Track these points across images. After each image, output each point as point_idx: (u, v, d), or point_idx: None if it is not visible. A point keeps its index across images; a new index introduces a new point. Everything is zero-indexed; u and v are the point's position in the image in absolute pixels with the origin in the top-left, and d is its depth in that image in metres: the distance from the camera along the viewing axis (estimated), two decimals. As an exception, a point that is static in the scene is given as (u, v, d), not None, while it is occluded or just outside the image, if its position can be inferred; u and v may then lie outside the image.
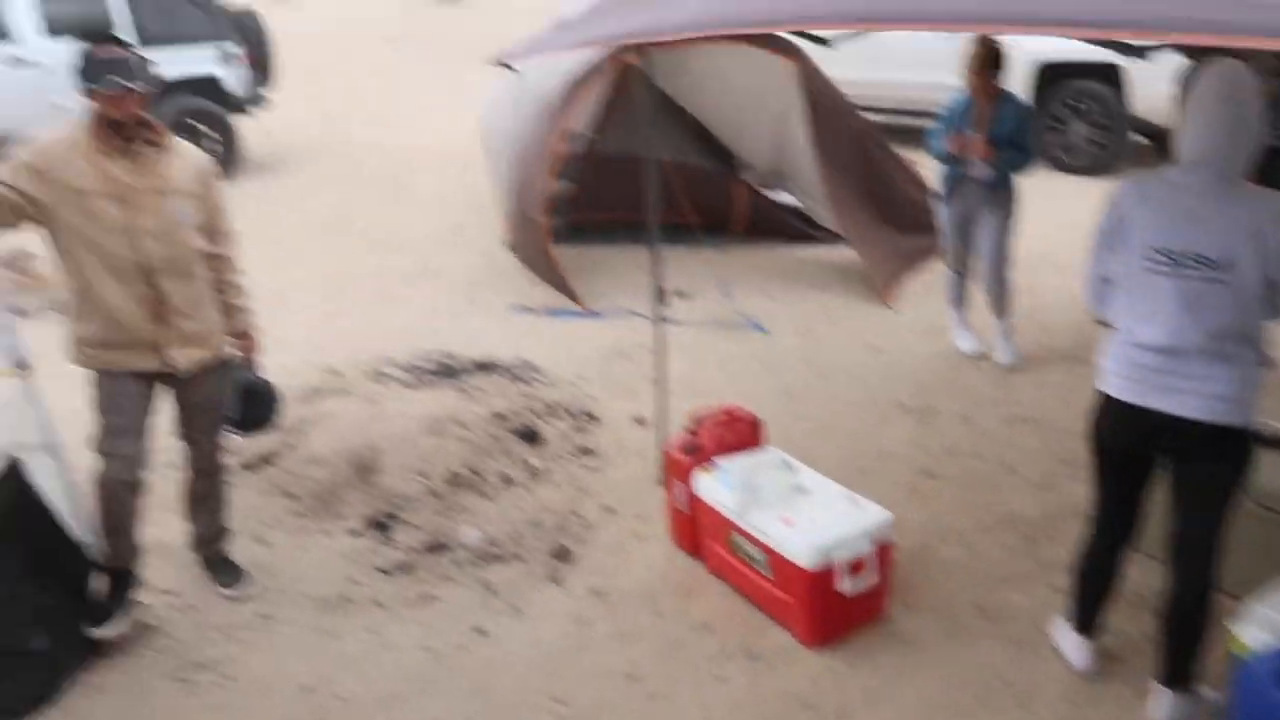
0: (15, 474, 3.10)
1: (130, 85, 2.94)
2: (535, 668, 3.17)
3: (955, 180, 5.19)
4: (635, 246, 7.22)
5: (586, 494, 4.17)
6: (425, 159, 10.71)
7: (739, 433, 3.79)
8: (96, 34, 3.07)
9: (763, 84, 6.88)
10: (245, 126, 10.36)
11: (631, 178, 4.31)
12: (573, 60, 6.38)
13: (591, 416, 4.85)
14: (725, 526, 3.44)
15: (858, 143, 6.96)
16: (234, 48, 9.92)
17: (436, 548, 3.78)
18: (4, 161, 2.95)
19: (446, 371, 5.20)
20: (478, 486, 4.14)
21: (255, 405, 3.44)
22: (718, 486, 3.48)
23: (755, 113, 7.20)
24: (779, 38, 6.52)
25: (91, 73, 2.93)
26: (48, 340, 5.59)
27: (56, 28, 9.06)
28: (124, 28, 9.11)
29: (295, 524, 3.98)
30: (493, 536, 3.85)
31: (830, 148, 6.63)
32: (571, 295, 6.40)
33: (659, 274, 4.04)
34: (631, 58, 5.74)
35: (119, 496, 3.18)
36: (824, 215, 7.20)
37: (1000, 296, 5.33)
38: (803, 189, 7.40)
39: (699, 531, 3.64)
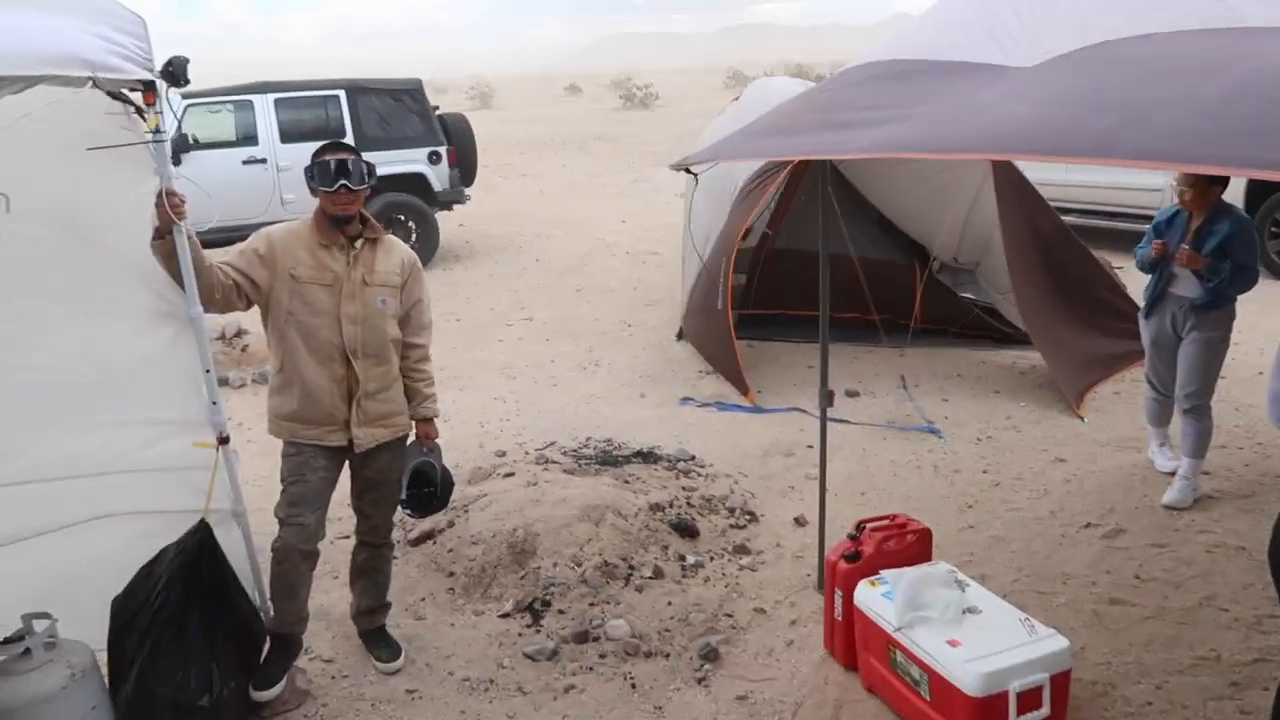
0: (204, 536, 3.31)
1: (352, 187, 3.24)
2: (673, 774, 3.04)
3: (1158, 294, 4.72)
4: (805, 342, 7.17)
5: (740, 594, 4.03)
6: (604, 254, 11.09)
7: (906, 543, 3.58)
8: (326, 140, 3.39)
9: (952, 174, 6.72)
10: (442, 218, 11.10)
11: (806, 272, 4.25)
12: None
13: (750, 514, 4.72)
14: (885, 641, 3.22)
15: (1050, 241, 6.64)
16: (441, 149, 10.72)
17: (584, 637, 3.74)
18: (239, 249, 3.29)
19: (608, 459, 5.23)
20: (630, 578, 4.09)
21: (429, 489, 3.56)
22: (880, 598, 3.28)
23: (942, 204, 7.01)
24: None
25: (319, 174, 3.26)
26: (246, 410, 6.09)
27: (290, 134, 10.12)
28: (348, 134, 10.06)
29: (450, 601, 4.04)
30: (640, 630, 3.76)
31: (1020, 244, 6.35)
32: (743, 387, 6.35)
33: (825, 370, 3.94)
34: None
35: (293, 562, 3.33)
36: (1012, 312, 6.87)
37: (1191, 433, 4.67)
38: (990, 283, 7.11)
39: (856, 643, 3.42)
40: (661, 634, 3.76)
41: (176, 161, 9.43)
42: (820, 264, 3.84)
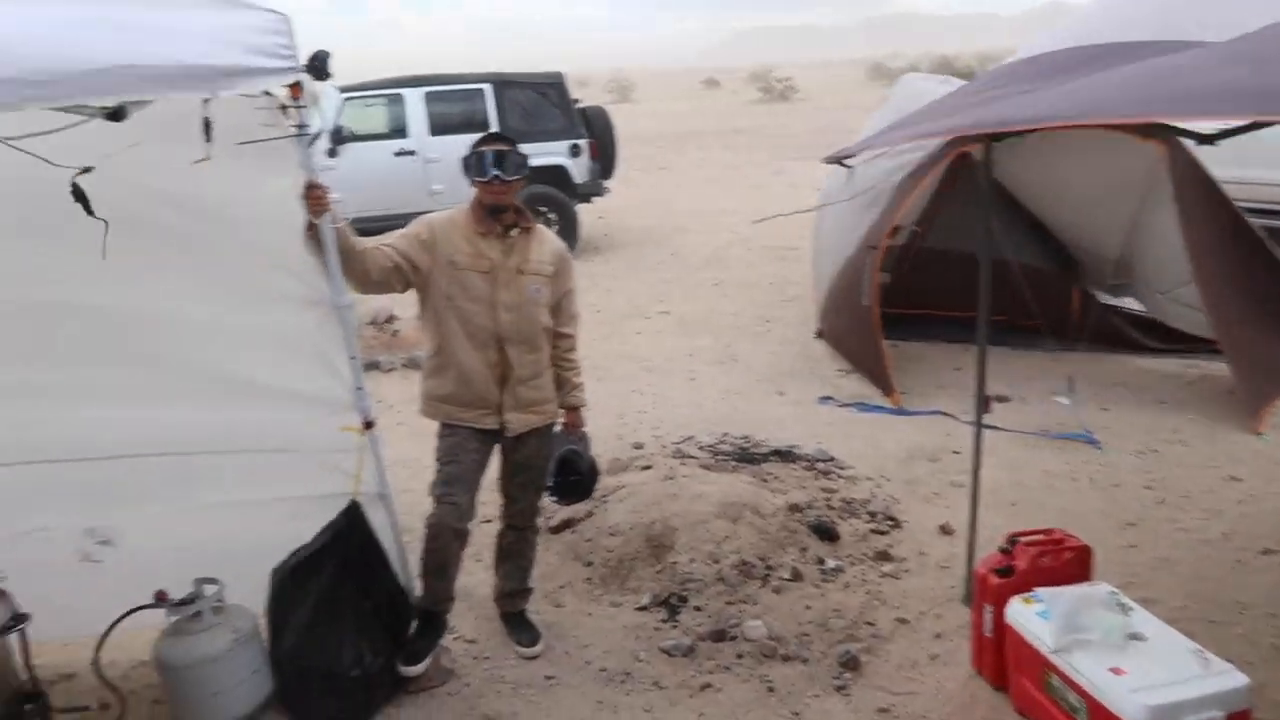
0: (355, 516, 3.45)
1: (505, 178, 3.32)
2: (811, 783, 2.97)
3: None
4: (950, 344, 6.91)
5: (882, 602, 3.92)
6: (742, 248, 11.00)
7: (1063, 560, 3.39)
8: (486, 133, 3.46)
9: (1119, 173, 6.31)
10: (581, 211, 11.24)
11: (954, 273, 4.08)
12: (909, 152, 6.29)
13: (893, 519, 4.58)
14: (1040, 664, 3.06)
15: (1237, 242, 6.13)
16: (582, 142, 10.86)
17: (721, 636, 3.71)
18: (400, 233, 3.41)
19: (745, 456, 5.18)
20: (767, 578, 4.03)
21: (575, 476, 3.61)
22: (1035, 617, 3.11)
23: (1105, 206, 6.62)
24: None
25: (476, 165, 3.34)
26: (396, 393, 6.32)
27: (438, 127, 10.46)
28: (493, 127, 10.32)
29: (588, 591, 4.09)
30: (778, 633, 3.71)
31: (1203, 244, 5.89)
32: (887, 388, 6.18)
33: (982, 374, 3.77)
34: (971, 146, 5.52)
35: (446, 540, 3.43)
36: (1180, 319, 6.43)
37: None
38: (1152, 283, 6.66)
39: (1007, 663, 3.26)
40: (799, 638, 3.69)
41: (333, 154, 9.92)
42: (980, 260, 3.67)
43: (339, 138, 10.02)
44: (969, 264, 3.80)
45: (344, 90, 10.27)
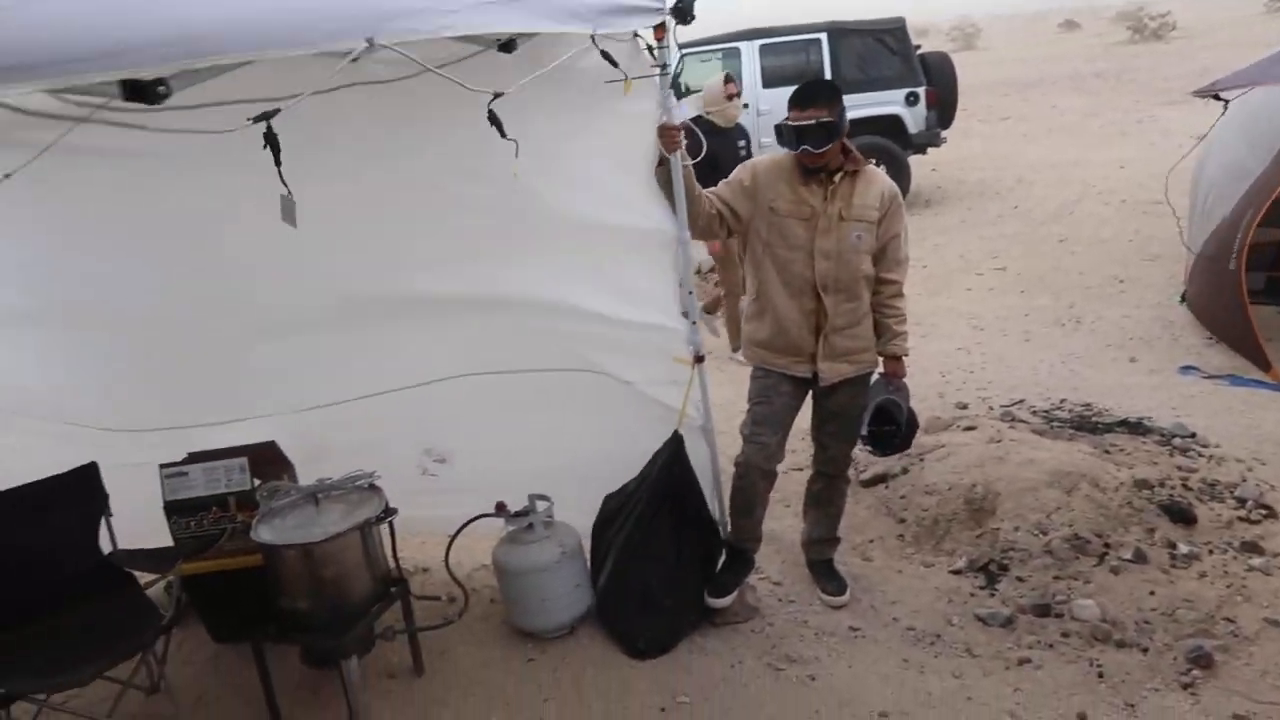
0: (677, 448, 3.57)
1: (816, 151, 3.21)
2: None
3: None
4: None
5: (1246, 598, 3.41)
6: (1096, 202, 9.93)
7: None
8: (803, 86, 3.31)
9: None
10: (914, 162, 10.73)
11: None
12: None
13: (1267, 508, 3.95)
14: None
15: None
16: (920, 89, 10.33)
17: (1044, 611, 3.43)
18: (725, 180, 3.44)
19: (1085, 425, 4.71)
20: (1104, 557, 3.65)
21: (891, 427, 3.48)
22: None
23: None
24: None
25: (786, 136, 3.28)
26: (712, 341, 6.45)
27: (771, 79, 10.42)
28: (825, 76, 10.10)
29: (899, 548, 3.96)
30: (1113, 616, 3.36)
31: None
32: (1262, 361, 5.34)
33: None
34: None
35: (753, 479, 3.47)
36: None
37: None
38: None
39: None
40: (1139, 625, 3.32)
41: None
42: None
43: (678, 93, 10.31)
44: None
45: (681, 46, 10.53)
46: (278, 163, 1.99)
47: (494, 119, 2.41)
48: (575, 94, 2.96)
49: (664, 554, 3.55)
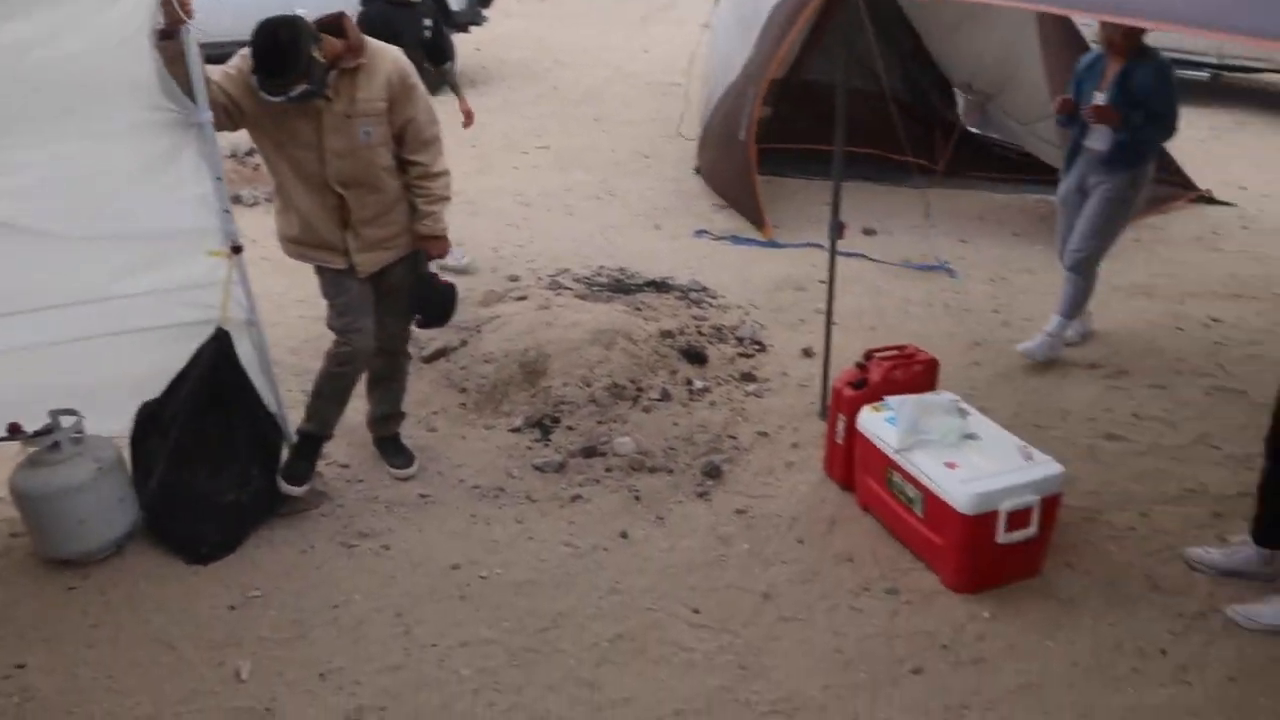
0: (222, 344, 3.37)
1: (273, 98, 2.95)
2: (671, 576, 3.19)
3: (1074, 147, 4.41)
4: (826, 180, 7.01)
5: (744, 418, 4.13)
6: (623, 85, 10.73)
7: (913, 372, 3.63)
8: (263, 52, 2.95)
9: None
10: (458, 41, 10.68)
11: (833, 106, 4.05)
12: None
13: (759, 344, 4.77)
14: (884, 463, 3.31)
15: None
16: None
17: (591, 452, 3.86)
18: (223, 68, 3.09)
19: (620, 287, 5.25)
20: (638, 399, 4.17)
21: (432, 302, 3.58)
22: (883, 423, 3.35)
23: (983, 28, 6.68)
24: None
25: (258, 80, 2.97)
26: (258, 227, 6.07)
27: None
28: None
29: (461, 416, 4.16)
30: (646, 448, 3.88)
31: (1060, 76, 6.09)
32: (760, 221, 6.28)
33: (837, 201, 3.88)
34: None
35: (357, 366, 3.44)
36: (1037, 145, 6.70)
37: (1069, 292, 4.47)
38: (1014, 116, 6.87)
39: (854, 465, 3.52)
40: (666, 452, 3.88)
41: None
42: (838, 88, 3.72)
43: None
44: (849, 99, 3.83)
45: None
46: None
47: None
48: None
49: (219, 454, 3.39)
